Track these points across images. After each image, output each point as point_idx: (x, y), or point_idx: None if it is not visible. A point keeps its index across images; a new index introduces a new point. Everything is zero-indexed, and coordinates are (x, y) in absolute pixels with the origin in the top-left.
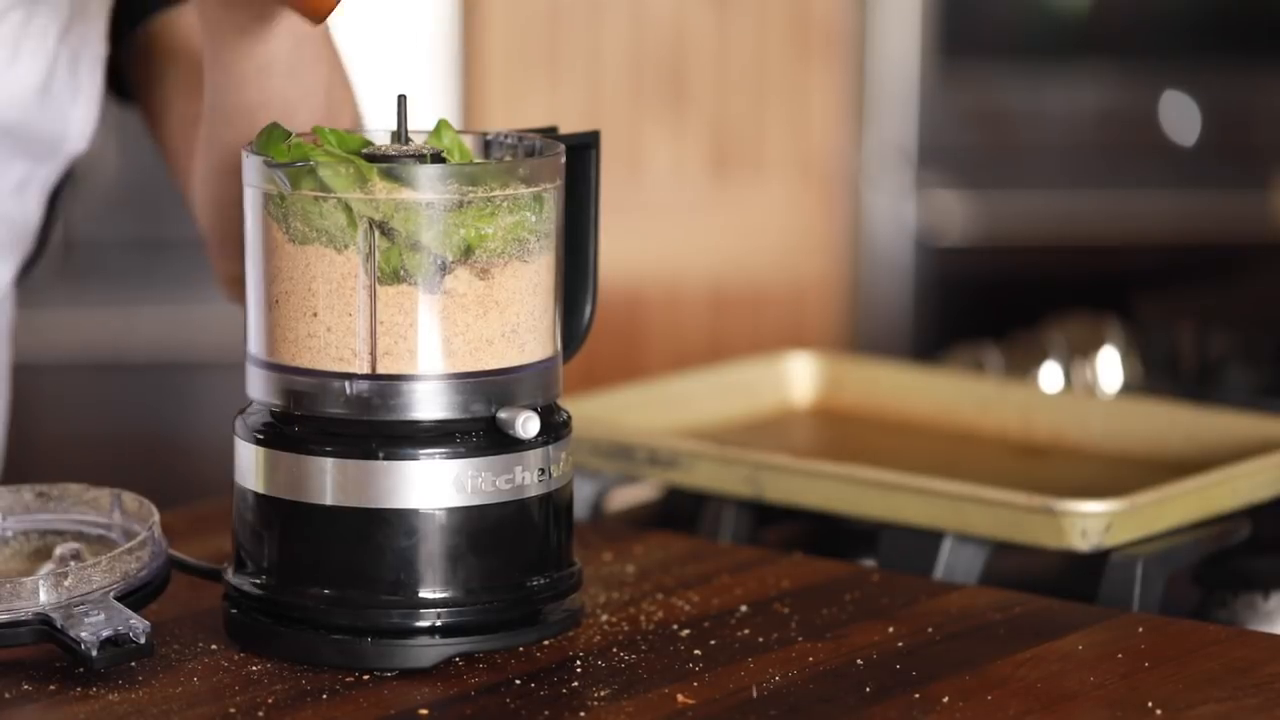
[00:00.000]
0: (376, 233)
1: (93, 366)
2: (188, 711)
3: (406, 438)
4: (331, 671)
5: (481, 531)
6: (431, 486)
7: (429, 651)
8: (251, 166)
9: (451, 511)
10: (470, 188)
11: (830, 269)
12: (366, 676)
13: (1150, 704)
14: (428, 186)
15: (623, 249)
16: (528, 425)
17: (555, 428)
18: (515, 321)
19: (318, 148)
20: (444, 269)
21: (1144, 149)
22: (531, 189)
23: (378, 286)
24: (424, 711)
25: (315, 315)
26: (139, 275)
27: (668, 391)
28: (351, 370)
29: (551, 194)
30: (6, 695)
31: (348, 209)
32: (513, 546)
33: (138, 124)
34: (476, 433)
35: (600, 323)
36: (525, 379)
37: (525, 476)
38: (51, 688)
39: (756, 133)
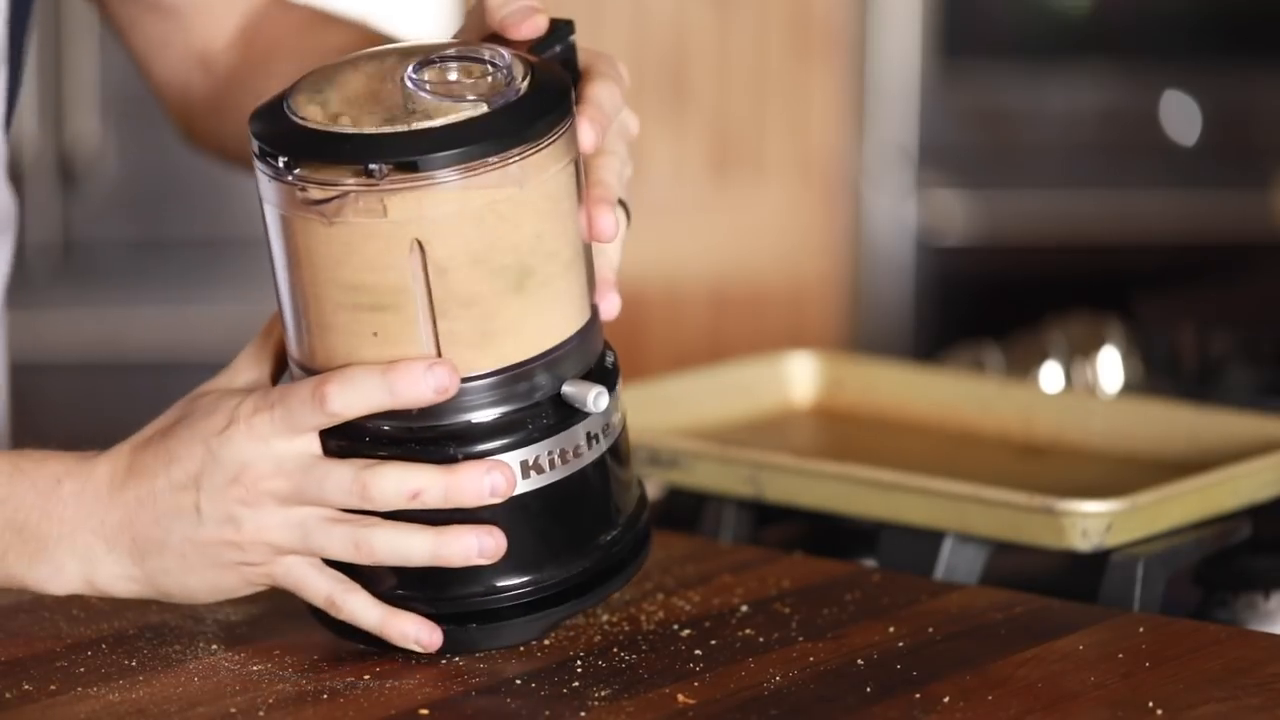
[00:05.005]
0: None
1: (93, 366)
2: (188, 712)
3: (481, 435)
4: (332, 671)
5: (567, 499)
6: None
7: (538, 624)
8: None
9: (536, 493)
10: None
11: (830, 269)
12: (367, 676)
13: (1151, 704)
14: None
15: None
16: (599, 400)
17: (609, 378)
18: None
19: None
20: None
21: (1144, 149)
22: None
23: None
24: (424, 711)
25: (376, 336)
26: (139, 275)
27: (668, 391)
28: None
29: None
30: (7, 695)
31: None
32: (599, 501)
33: (138, 124)
34: (545, 414)
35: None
36: (575, 347)
37: (592, 439)
38: (52, 687)
39: (757, 133)
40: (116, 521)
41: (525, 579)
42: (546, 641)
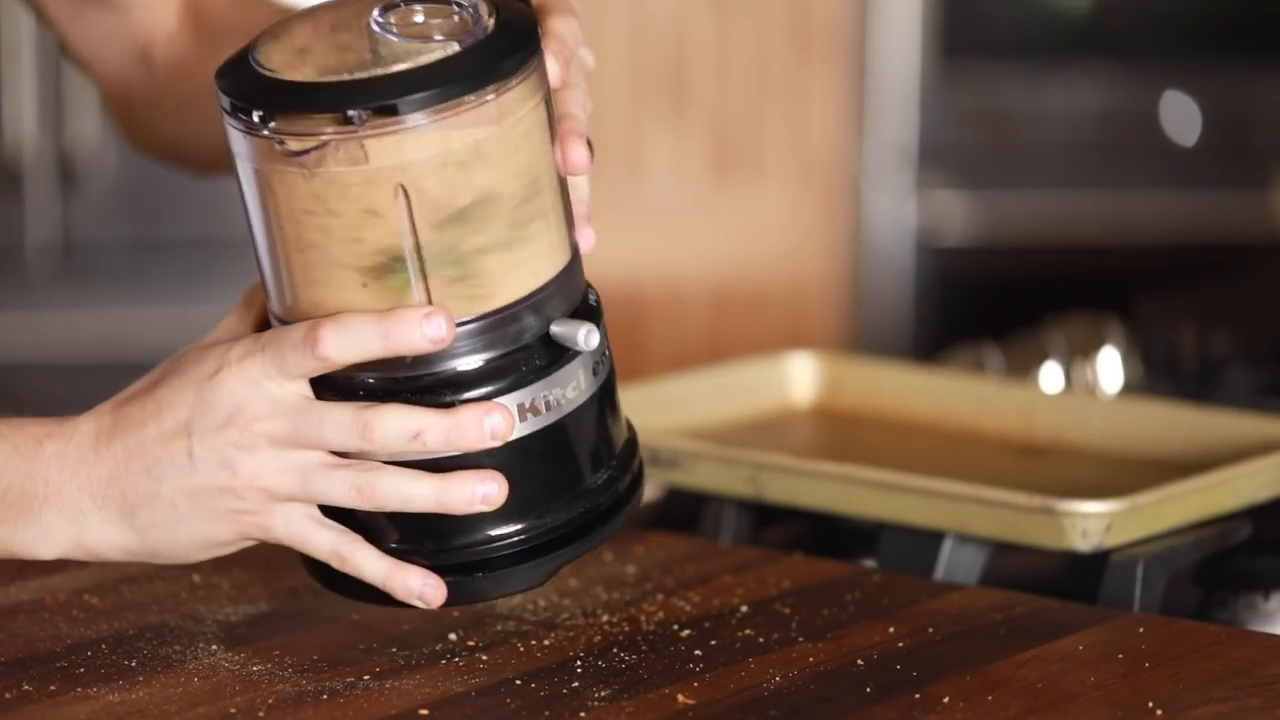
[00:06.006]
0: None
1: (93, 366)
2: (188, 712)
3: (474, 381)
4: (332, 671)
5: (564, 441)
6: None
7: (542, 569)
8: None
9: (533, 436)
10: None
11: (831, 269)
12: (367, 676)
13: (1151, 704)
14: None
15: (623, 249)
16: (590, 338)
17: (595, 315)
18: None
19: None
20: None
21: (1144, 149)
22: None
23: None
24: (424, 712)
25: (365, 286)
26: (139, 275)
27: (668, 391)
28: None
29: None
30: (7, 695)
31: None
32: (594, 441)
33: None
34: (536, 355)
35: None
36: (560, 286)
37: (584, 378)
38: (52, 688)
39: (757, 133)
40: (104, 476)
41: (527, 524)
42: (546, 641)
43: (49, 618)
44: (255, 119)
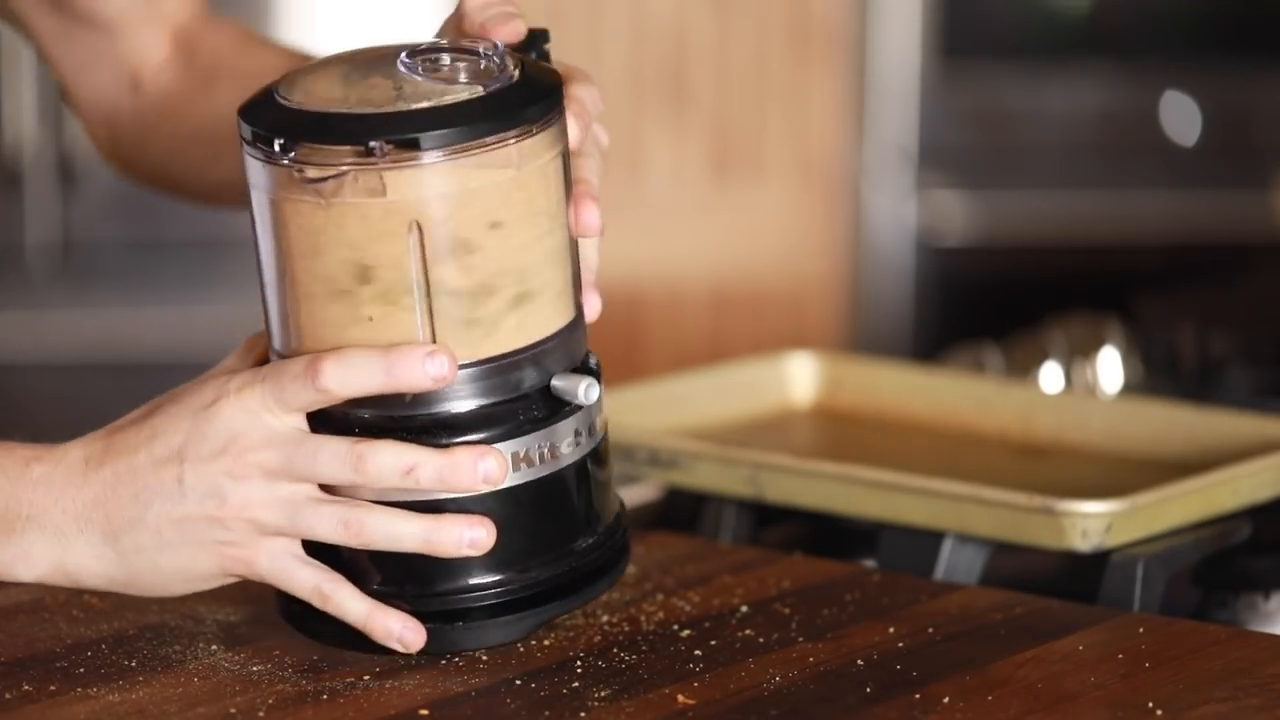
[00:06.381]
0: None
1: (93, 366)
2: (188, 712)
3: (470, 424)
4: (332, 671)
5: (554, 496)
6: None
7: (522, 624)
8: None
9: (525, 486)
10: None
11: (831, 269)
12: (367, 676)
13: (1151, 704)
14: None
15: (623, 249)
16: (589, 392)
17: (595, 377)
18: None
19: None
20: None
21: (1144, 149)
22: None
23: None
24: (424, 712)
25: (370, 320)
26: (139, 275)
27: (668, 392)
28: None
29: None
30: (7, 695)
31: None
32: (583, 501)
33: None
34: (534, 407)
35: (600, 323)
36: (562, 342)
37: (579, 438)
38: (52, 688)
39: (757, 133)
40: (89, 499)
41: (509, 575)
42: (546, 641)
43: (49, 618)
44: (276, 147)
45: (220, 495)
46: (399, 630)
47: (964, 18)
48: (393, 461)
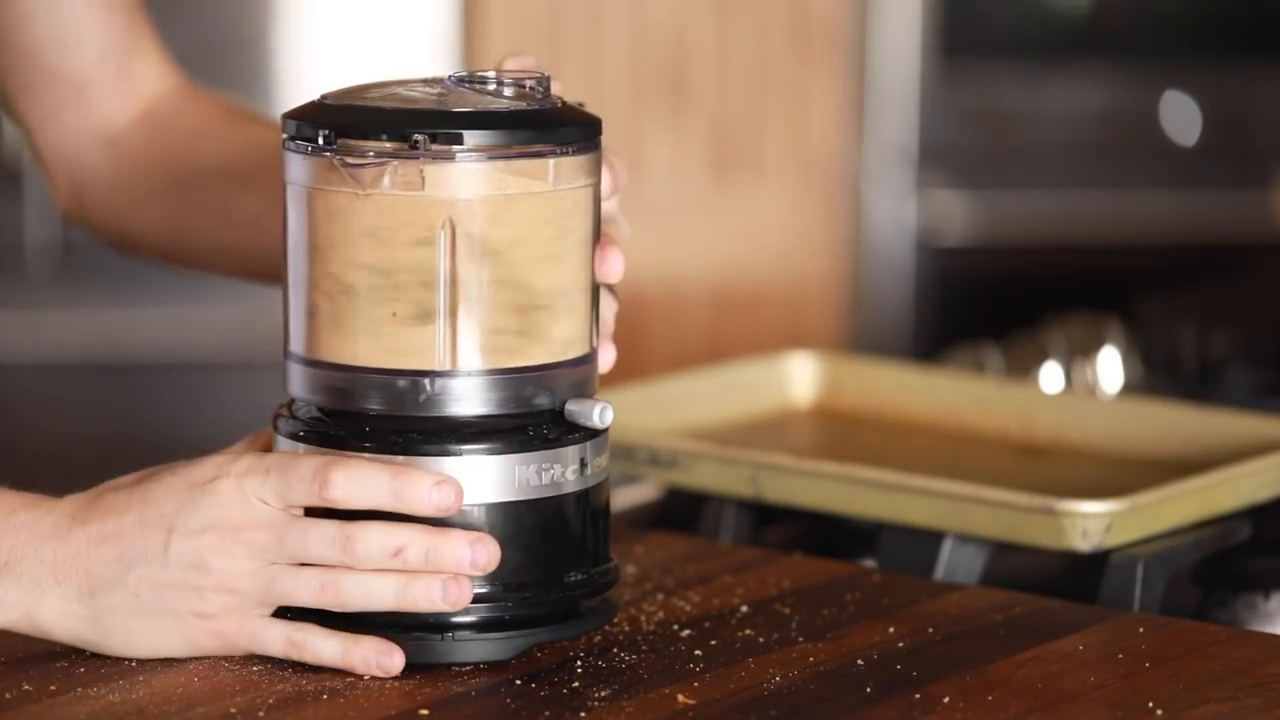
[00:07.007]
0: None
1: (93, 366)
2: (188, 712)
3: (480, 434)
4: (332, 671)
5: (553, 520)
6: (497, 481)
7: (511, 644)
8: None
9: (527, 505)
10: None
11: (830, 269)
12: (367, 676)
13: (1151, 704)
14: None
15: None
16: (604, 415)
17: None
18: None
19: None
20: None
21: (1144, 149)
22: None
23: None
24: (424, 712)
25: (394, 316)
26: (139, 275)
27: (668, 392)
28: (431, 369)
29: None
30: (7, 695)
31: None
32: (580, 534)
33: None
34: (544, 425)
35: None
36: (575, 372)
37: (585, 469)
38: (52, 688)
39: (757, 133)
40: (71, 554)
41: (504, 592)
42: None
43: None
44: (320, 139)
45: (204, 567)
46: (375, 657)
47: (964, 18)
48: (380, 543)
